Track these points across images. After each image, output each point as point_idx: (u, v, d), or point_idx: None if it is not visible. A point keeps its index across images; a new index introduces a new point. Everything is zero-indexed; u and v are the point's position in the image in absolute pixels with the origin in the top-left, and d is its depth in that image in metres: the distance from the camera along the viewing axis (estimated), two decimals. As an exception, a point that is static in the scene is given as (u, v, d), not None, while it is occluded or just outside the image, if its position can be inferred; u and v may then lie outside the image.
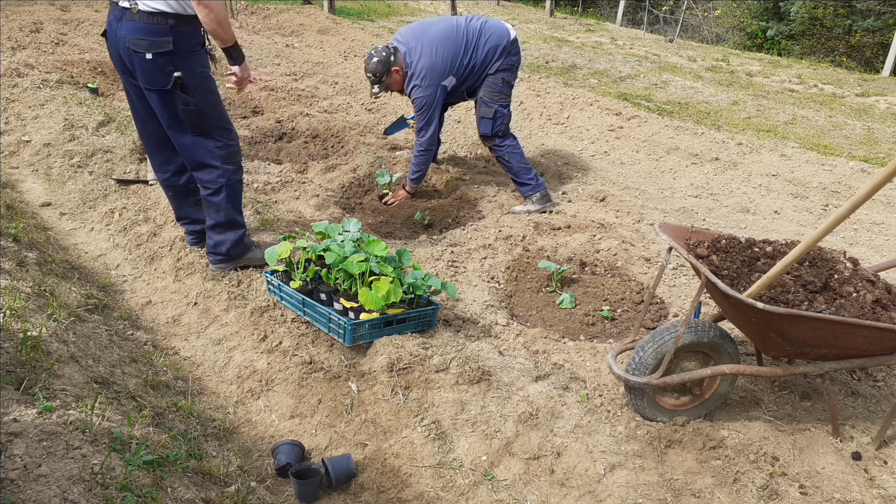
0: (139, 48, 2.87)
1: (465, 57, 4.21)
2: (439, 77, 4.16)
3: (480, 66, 4.26)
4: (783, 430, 2.56)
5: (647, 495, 2.25)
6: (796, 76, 9.94)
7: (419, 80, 4.15)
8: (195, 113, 3.02)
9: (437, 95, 4.20)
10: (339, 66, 8.35)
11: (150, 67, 2.90)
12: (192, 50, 2.94)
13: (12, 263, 3.10)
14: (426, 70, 4.13)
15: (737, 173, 5.65)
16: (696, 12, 16.60)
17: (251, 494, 2.16)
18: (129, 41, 2.87)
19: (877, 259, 4.20)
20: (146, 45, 2.87)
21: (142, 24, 2.85)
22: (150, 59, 2.88)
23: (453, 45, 4.18)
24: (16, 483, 1.68)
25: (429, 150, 4.39)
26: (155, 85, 2.95)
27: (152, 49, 2.87)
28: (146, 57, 2.88)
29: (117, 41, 2.94)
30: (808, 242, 2.08)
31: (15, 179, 4.54)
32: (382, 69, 4.15)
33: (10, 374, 2.17)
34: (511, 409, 2.52)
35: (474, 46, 4.22)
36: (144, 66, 2.90)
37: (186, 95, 2.97)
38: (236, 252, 3.34)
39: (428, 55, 4.14)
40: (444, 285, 2.91)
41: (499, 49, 4.24)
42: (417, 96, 4.20)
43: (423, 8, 15.21)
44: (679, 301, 3.46)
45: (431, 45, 4.16)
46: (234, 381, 2.83)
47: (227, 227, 3.28)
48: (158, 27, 2.86)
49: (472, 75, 4.29)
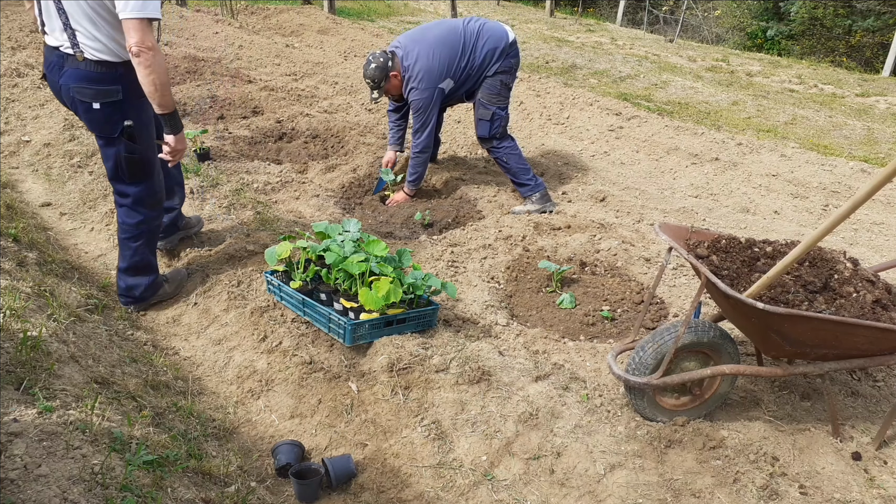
0: (85, 97, 2.68)
1: (463, 60, 4.22)
2: (436, 80, 4.18)
3: (478, 69, 4.27)
4: (783, 430, 2.56)
5: (647, 495, 2.25)
6: (796, 76, 9.94)
7: (416, 83, 4.17)
8: (138, 161, 2.87)
9: (433, 98, 4.22)
10: (339, 66, 8.35)
11: (98, 116, 2.73)
12: (142, 96, 2.67)
13: (12, 263, 3.10)
14: (423, 73, 4.15)
15: (737, 173, 5.65)
16: (696, 12, 16.60)
17: (251, 494, 2.16)
18: (74, 89, 2.67)
19: (877, 259, 4.20)
20: (92, 94, 2.68)
21: (89, 72, 2.65)
22: (97, 108, 2.69)
23: (450, 49, 4.19)
24: (16, 483, 1.68)
25: (425, 153, 4.40)
26: (103, 133, 2.79)
27: (100, 98, 2.68)
28: (93, 106, 2.69)
29: (59, 87, 2.74)
30: (808, 242, 2.08)
31: (15, 179, 4.54)
32: (381, 75, 4.17)
33: (10, 374, 2.17)
34: (511, 409, 2.52)
35: (472, 49, 4.23)
36: (91, 115, 2.73)
37: (133, 143, 2.79)
38: (149, 294, 3.21)
39: (425, 58, 4.15)
40: (444, 285, 2.91)
41: (497, 51, 4.25)
42: (414, 98, 4.23)
43: (423, 8, 15.21)
44: (679, 301, 3.46)
45: (429, 48, 4.18)
46: (234, 381, 2.83)
47: (140, 271, 3.14)
48: (107, 75, 2.66)
49: (470, 78, 4.30)
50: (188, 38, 8.75)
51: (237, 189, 4.23)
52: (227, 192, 4.15)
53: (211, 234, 3.68)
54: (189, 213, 3.89)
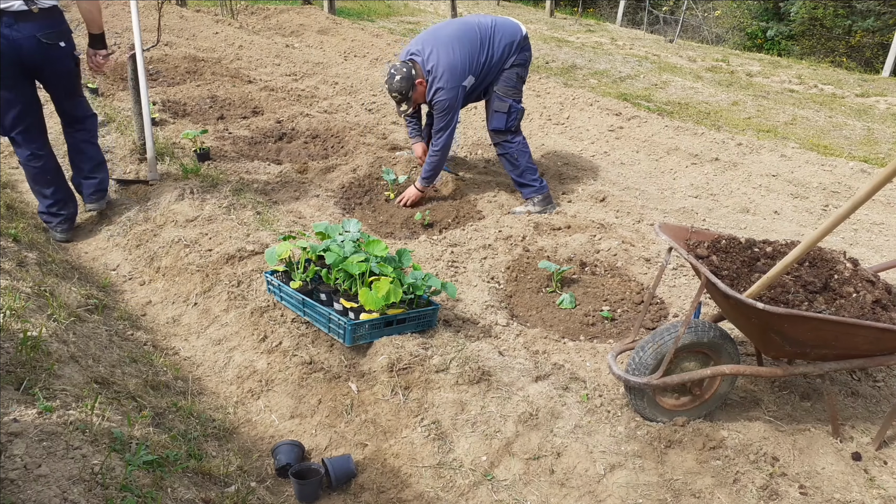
0: (52, 39, 3.37)
1: (482, 55, 4.17)
2: (460, 77, 4.11)
3: (497, 64, 4.24)
4: (783, 430, 2.56)
5: (647, 495, 2.25)
6: (796, 76, 9.94)
7: (442, 83, 4.09)
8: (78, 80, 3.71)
9: (458, 97, 4.15)
10: (339, 66, 8.35)
11: (65, 52, 3.47)
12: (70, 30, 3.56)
13: (12, 263, 3.10)
14: (447, 71, 4.07)
15: (737, 173, 5.65)
16: (696, 12, 16.60)
17: (251, 495, 2.16)
18: (42, 37, 3.32)
19: (877, 259, 4.20)
20: (57, 35, 3.39)
21: (48, 20, 3.34)
22: (63, 46, 3.44)
23: (469, 44, 4.14)
24: (16, 483, 1.68)
25: (444, 151, 4.30)
26: (65, 65, 3.52)
27: (62, 38, 3.43)
28: (60, 45, 3.42)
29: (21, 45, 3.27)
30: (807, 243, 2.08)
31: (15, 179, 4.54)
32: (407, 86, 4.08)
33: (10, 374, 2.17)
34: (511, 409, 2.52)
35: (489, 44, 4.19)
36: (58, 52, 3.43)
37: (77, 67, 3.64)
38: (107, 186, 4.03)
39: (446, 55, 4.08)
40: (444, 285, 2.91)
41: (514, 45, 4.24)
42: (440, 99, 4.13)
43: (422, 8, 15.21)
44: (679, 301, 3.46)
45: (447, 46, 4.11)
46: (234, 382, 2.83)
47: (103, 165, 3.97)
48: (59, 17, 3.42)
49: (489, 74, 4.26)
50: (188, 38, 8.75)
51: (237, 189, 4.23)
52: (227, 192, 4.15)
53: (211, 234, 3.68)
54: (189, 213, 3.89)
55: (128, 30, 8.35)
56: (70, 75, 3.60)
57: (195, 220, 3.83)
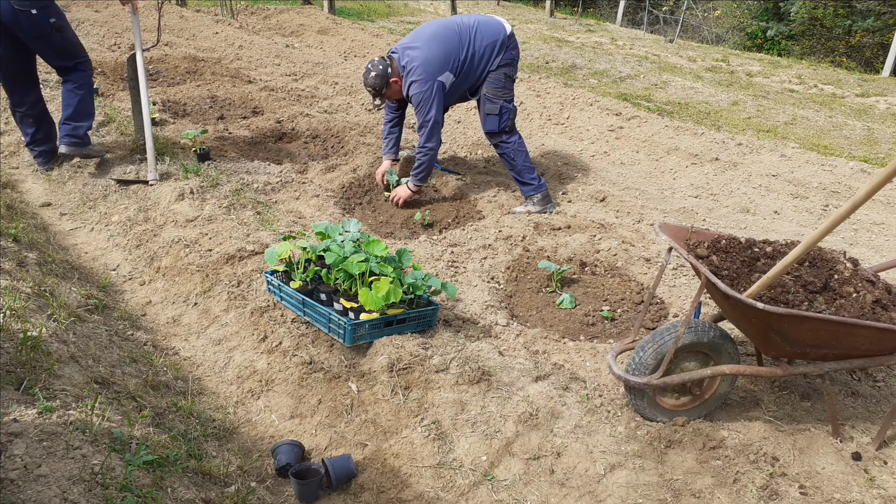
0: (24, 7, 3.64)
1: (462, 53, 4.19)
2: (434, 72, 4.12)
3: (479, 63, 4.25)
4: (783, 430, 2.56)
5: (647, 495, 2.25)
6: (796, 76, 9.94)
7: (415, 76, 4.13)
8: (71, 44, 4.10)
9: (434, 91, 4.15)
10: (339, 66, 8.35)
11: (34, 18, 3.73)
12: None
13: (12, 263, 3.10)
14: (420, 64, 4.11)
15: (737, 173, 5.65)
16: (696, 12, 16.60)
17: (251, 494, 2.16)
18: (14, 3, 3.61)
19: (877, 259, 4.20)
20: (29, 3, 3.63)
21: None
22: (34, 13, 3.68)
23: (446, 41, 4.17)
24: (16, 483, 1.68)
25: (430, 150, 4.29)
26: (40, 30, 3.82)
27: (35, 5, 3.67)
28: (31, 12, 3.67)
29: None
30: (807, 243, 2.08)
31: (15, 179, 4.54)
32: (381, 82, 4.16)
33: (10, 374, 2.17)
34: (511, 409, 2.52)
35: (470, 42, 4.21)
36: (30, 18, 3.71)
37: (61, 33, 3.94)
38: (87, 138, 4.37)
39: (420, 52, 4.13)
40: (444, 285, 2.91)
41: (497, 44, 4.24)
42: (415, 92, 4.16)
43: (423, 8, 15.22)
44: (679, 301, 3.46)
45: (425, 42, 4.16)
46: (234, 382, 2.83)
47: (87, 115, 4.33)
48: None
49: (471, 73, 4.27)
50: (188, 38, 8.75)
51: (237, 189, 4.23)
52: (227, 192, 4.16)
53: (211, 234, 3.68)
54: (189, 213, 3.89)
55: (128, 30, 8.36)
56: (47, 38, 3.92)
57: (195, 220, 3.84)
